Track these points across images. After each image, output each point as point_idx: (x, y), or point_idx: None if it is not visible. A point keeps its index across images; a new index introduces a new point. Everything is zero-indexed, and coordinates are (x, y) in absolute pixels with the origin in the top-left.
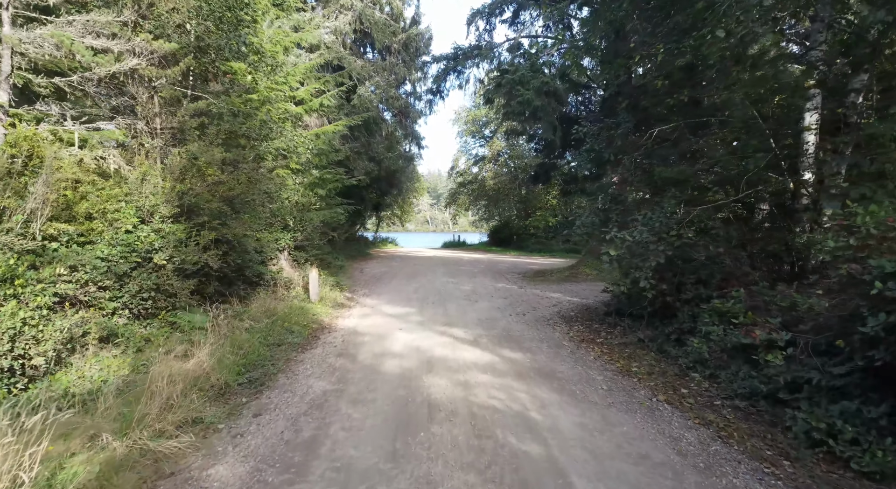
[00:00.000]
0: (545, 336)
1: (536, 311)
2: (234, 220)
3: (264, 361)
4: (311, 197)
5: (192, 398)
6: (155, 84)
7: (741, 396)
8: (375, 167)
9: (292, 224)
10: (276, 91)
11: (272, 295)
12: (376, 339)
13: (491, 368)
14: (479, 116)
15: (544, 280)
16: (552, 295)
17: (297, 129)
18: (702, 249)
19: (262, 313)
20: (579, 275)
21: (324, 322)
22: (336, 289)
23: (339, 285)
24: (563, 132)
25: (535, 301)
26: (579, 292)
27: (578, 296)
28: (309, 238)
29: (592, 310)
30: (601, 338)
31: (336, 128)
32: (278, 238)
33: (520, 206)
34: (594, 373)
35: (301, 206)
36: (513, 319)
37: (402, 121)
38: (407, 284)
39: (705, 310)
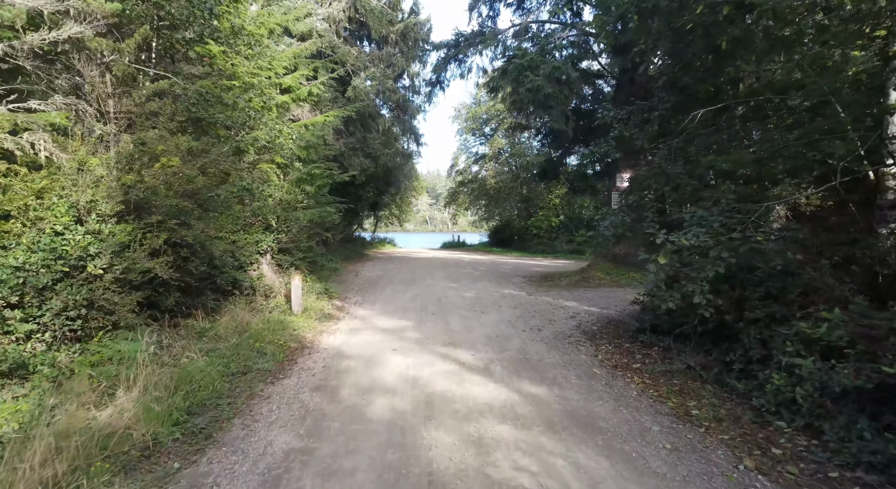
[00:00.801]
0: (570, 360)
1: (553, 325)
2: (201, 219)
3: (219, 400)
4: (298, 194)
5: (89, 473)
6: (107, 60)
7: (870, 467)
8: (372, 164)
9: (275, 224)
10: (258, 76)
11: (248, 306)
12: (364, 365)
13: (511, 413)
14: (480, 113)
15: (553, 285)
16: (567, 304)
17: (285, 119)
18: (776, 256)
19: (231, 330)
20: (591, 279)
21: (305, 339)
22: (324, 298)
23: (328, 292)
24: (575, 123)
25: (549, 312)
26: (596, 301)
27: (597, 306)
28: (295, 240)
29: (618, 324)
30: (638, 363)
31: (327, 118)
32: (259, 240)
33: (521, 205)
34: (645, 418)
35: (286, 204)
36: (527, 336)
37: (400, 116)
38: (404, 291)
39: (786, 336)
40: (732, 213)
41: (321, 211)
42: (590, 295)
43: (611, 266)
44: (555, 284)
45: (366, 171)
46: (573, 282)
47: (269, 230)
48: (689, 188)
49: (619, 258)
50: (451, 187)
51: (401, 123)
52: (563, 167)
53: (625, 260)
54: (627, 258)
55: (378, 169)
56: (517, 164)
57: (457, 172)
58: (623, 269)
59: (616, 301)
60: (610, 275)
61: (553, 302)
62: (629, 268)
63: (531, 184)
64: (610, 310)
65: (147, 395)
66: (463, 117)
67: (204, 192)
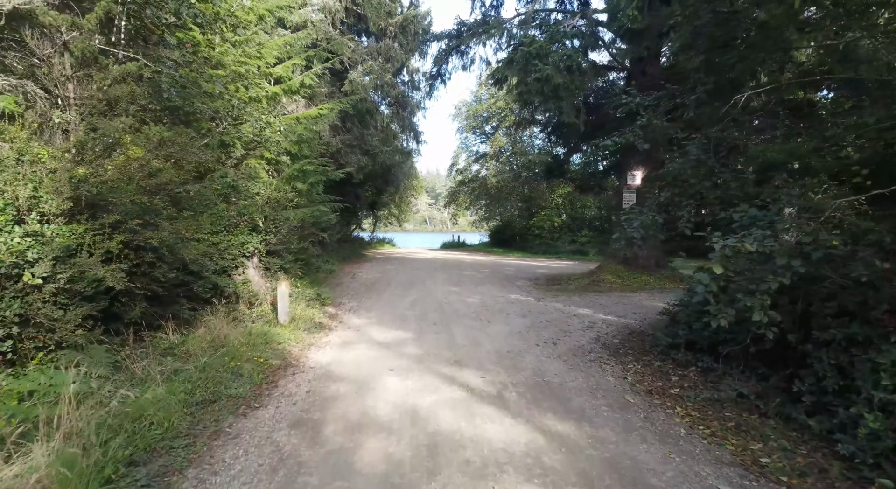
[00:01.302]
0: (597, 383)
1: (569, 338)
2: (175, 219)
3: (174, 440)
4: (289, 192)
5: None
6: (64, 37)
7: None
8: (370, 162)
9: (263, 224)
10: (246, 64)
11: (229, 315)
12: (355, 390)
13: (537, 465)
14: (480, 111)
15: (562, 289)
16: (580, 311)
17: (275, 112)
18: (855, 264)
19: (205, 345)
20: (601, 283)
21: (290, 355)
22: (315, 305)
23: (320, 298)
24: (585, 117)
25: (562, 321)
26: (612, 308)
27: (614, 314)
28: (284, 241)
29: (641, 336)
30: (675, 387)
31: (321, 111)
32: (245, 242)
33: (522, 205)
34: (706, 470)
35: (275, 203)
36: (542, 352)
37: (399, 112)
38: (403, 295)
39: (877, 365)
40: (801, 212)
41: (314, 210)
42: (603, 301)
43: (622, 269)
44: (563, 288)
45: (363, 168)
46: (583, 287)
47: (256, 231)
48: (735, 183)
49: (630, 261)
50: (452, 186)
51: (400, 120)
52: (569, 165)
53: (636, 263)
54: (639, 261)
55: (376, 167)
56: (519, 162)
57: (457, 171)
58: (635, 273)
59: (633, 308)
60: (621, 278)
61: (564, 309)
62: (641, 272)
63: (533, 183)
64: (629, 319)
65: (71, 445)
66: (463, 115)
67: (172, 187)
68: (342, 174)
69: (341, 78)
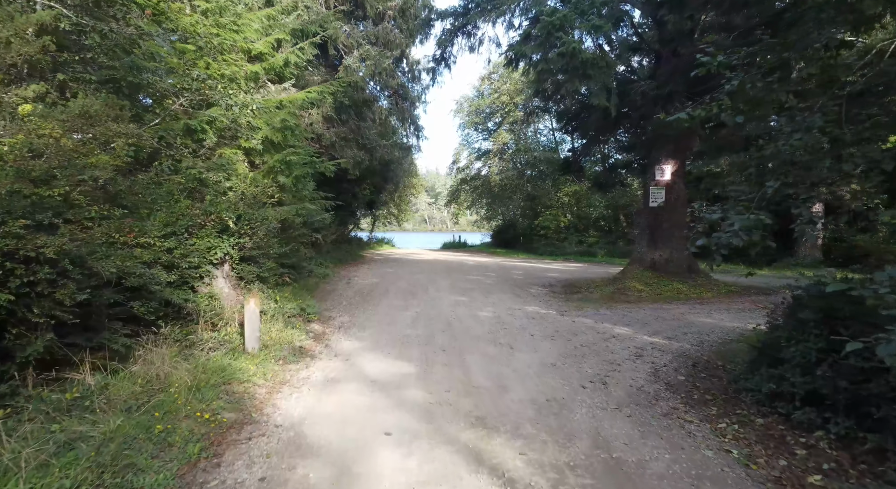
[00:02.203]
0: (691, 463)
1: (619, 373)
2: (108, 219)
3: None
4: (269, 187)
5: None
6: None
7: None
8: (367, 157)
9: (235, 225)
10: (219, 37)
11: (182, 342)
12: (334, 476)
13: None
14: (483, 106)
15: (585, 299)
16: (617, 330)
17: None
18: None
19: (138, 389)
20: (628, 291)
21: (252, 403)
22: (297, 323)
23: (304, 313)
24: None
25: (601, 345)
26: (652, 325)
27: (660, 335)
28: (262, 245)
29: (709, 369)
30: (817, 474)
31: (309, 95)
32: (212, 246)
33: (526, 204)
34: None
35: (251, 200)
36: (594, 399)
37: (399, 103)
38: (403, 307)
39: None
40: None
41: (299, 208)
42: (638, 315)
43: (649, 275)
44: (586, 298)
45: (360, 164)
46: (608, 296)
47: (227, 233)
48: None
49: (658, 265)
50: (453, 185)
51: (399, 112)
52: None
53: (666, 268)
54: (669, 266)
55: (374, 162)
56: (523, 160)
57: (458, 169)
58: (664, 279)
59: (679, 326)
60: (649, 286)
61: (598, 327)
62: (671, 278)
63: (537, 181)
64: (681, 342)
65: None
66: (465, 111)
67: (102, 176)
68: (333, 166)
69: (335, 67)
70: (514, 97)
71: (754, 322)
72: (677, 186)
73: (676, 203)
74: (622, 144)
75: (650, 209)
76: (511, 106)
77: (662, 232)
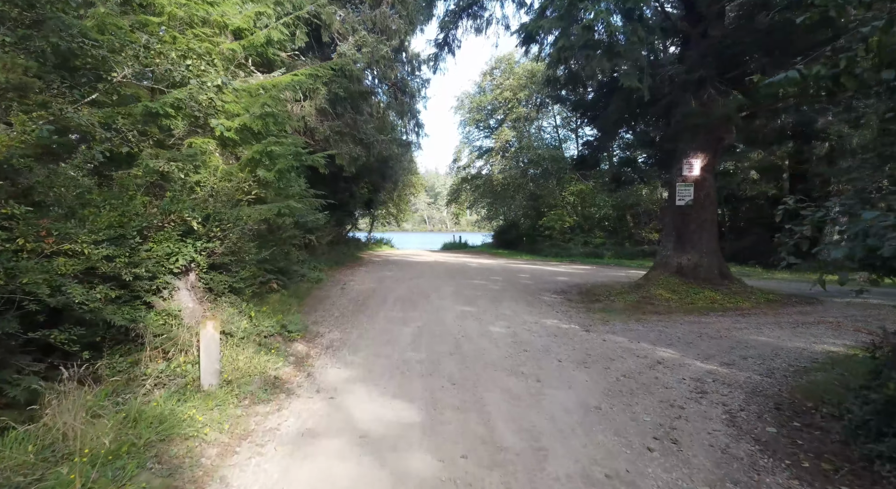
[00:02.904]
0: None
1: (688, 424)
2: (16, 219)
3: None
4: (244, 181)
5: None
6: None
7: None
8: (364, 152)
9: (200, 227)
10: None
11: (121, 377)
12: None
13: None
14: (484, 103)
15: (608, 309)
16: (661, 353)
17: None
18: None
19: (30, 461)
20: (654, 300)
21: (194, 475)
22: (274, 347)
23: (285, 332)
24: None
25: (649, 377)
26: (699, 346)
27: (714, 360)
28: (235, 249)
29: (801, 413)
30: None
31: (296, 78)
32: (172, 252)
33: (529, 203)
34: None
35: (225, 197)
36: (670, 474)
37: (398, 96)
38: (402, 320)
39: None
40: None
41: (282, 206)
42: (676, 331)
43: (675, 281)
44: (608, 307)
45: (356, 160)
46: (632, 305)
47: (193, 236)
48: None
49: (686, 270)
50: (453, 184)
51: (399, 106)
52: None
53: (694, 273)
54: (699, 271)
55: (371, 159)
56: (526, 158)
57: (459, 168)
58: (694, 286)
59: (730, 345)
60: (677, 293)
61: (634, 348)
62: (702, 285)
63: (540, 180)
64: (746, 370)
65: None
66: (466, 107)
67: None
68: (322, 159)
69: (330, 57)
70: (517, 92)
71: (820, 341)
72: (707, 183)
73: (706, 201)
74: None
75: (677, 208)
76: (514, 102)
77: (690, 233)
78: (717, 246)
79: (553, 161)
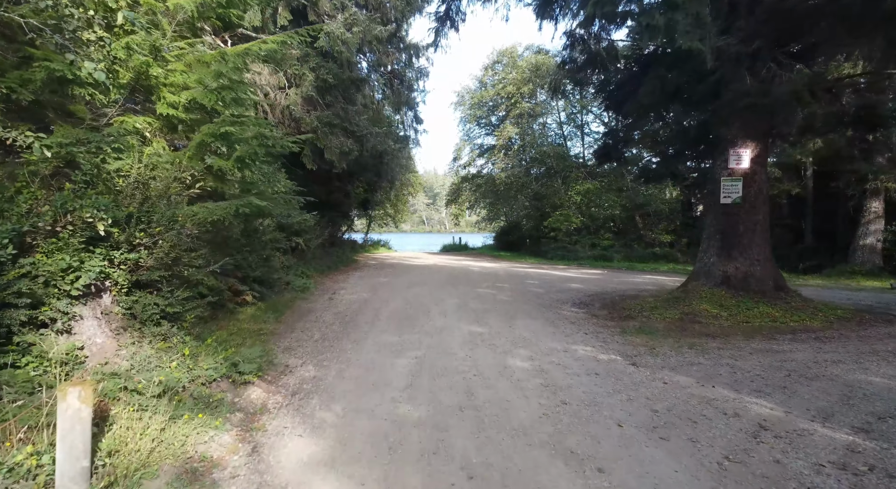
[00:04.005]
0: None
1: None
2: None
3: None
4: (185, 171)
5: None
6: None
7: None
8: (356, 146)
9: (116, 232)
10: None
11: None
12: None
13: None
14: (486, 98)
15: (643, 328)
16: (754, 407)
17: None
18: None
19: None
20: (700, 317)
21: None
22: (210, 401)
23: (236, 372)
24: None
25: (764, 457)
26: (797, 390)
27: (843, 424)
28: (170, 261)
29: None
30: None
31: (265, 46)
32: (71, 267)
33: (532, 203)
34: None
35: (158, 191)
36: None
37: (394, 84)
38: (397, 348)
39: None
40: None
41: (240, 204)
42: (753, 366)
43: (722, 294)
44: (645, 326)
45: (348, 154)
46: (675, 324)
47: (105, 244)
48: None
49: (733, 281)
50: (453, 183)
51: (395, 96)
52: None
53: (744, 284)
54: (748, 282)
55: (365, 153)
56: (529, 156)
57: (459, 167)
58: (745, 300)
59: (841, 392)
60: (726, 309)
61: (712, 397)
62: (755, 298)
63: (545, 179)
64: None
65: None
66: (467, 104)
67: None
68: (291, 144)
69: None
70: (520, 87)
71: None
72: (758, 177)
73: (757, 199)
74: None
75: (721, 207)
76: (517, 97)
77: (739, 237)
78: (770, 252)
79: (558, 158)
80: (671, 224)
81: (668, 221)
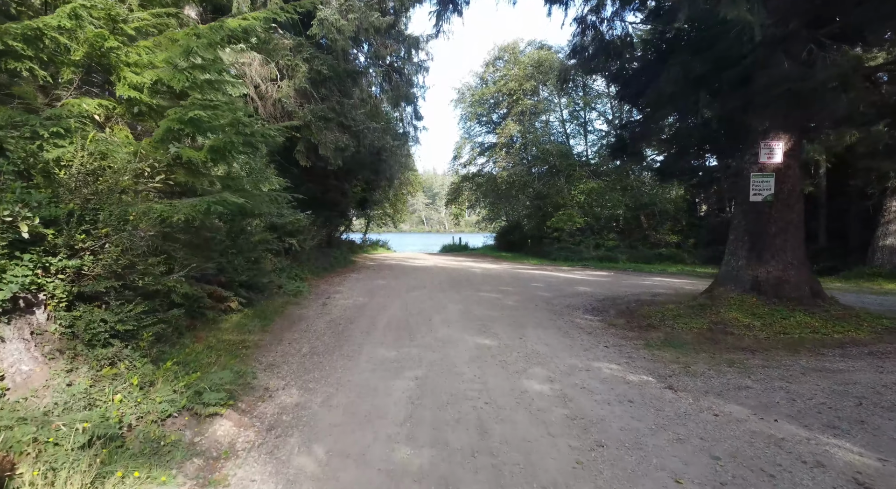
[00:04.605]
0: None
1: None
2: None
3: None
4: (143, 160)
5: None
6: None
7: None
8: (353, 142)
9: (51, 235)
10: None
11: None
12: None
13: None
14: (487, 95)
15: (669, 340)
16: (836, 451)
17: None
18: None
19: None
20: (731, 327)
21: None
22: (161, 446)
23: (200, 403)
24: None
25: None
26: (877, 425)
27: None
28: (122, 269)
29: None
30: None
31: (244, 23)
32: None
33: (534, 203)
34: None
35: (110, 185)
36: None
37: (392, 77)
38: (394, 366)
39: None
40: None
41: (212, 201)
42: (811, 391)
43: (753, 301)
44: (671, 339)
45: (344, 150)
46: (704, 336)
47: (37, 248)
48: None
49: (765, 287)
50: (453, 182)
51: (394, 90)
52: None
53: (778, 290)
54: (782, 288)
55: (362, 150)
56: (531, 155)
57: (459, 166)
58: (779, 308)
59: None
60: (759, 318)
61: (777, 435)
62: (790, 306)
63: (547, 178)
64: None
65: None
66: (467, 101)
67: None
68: (276, 133)
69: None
70: (522, 83)
71: None
72: (792, 173)
73: (790, 197)
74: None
75: (751, 206)
76: (519, 93)
77: (771, 238)
78: (805, 255)
79: (561, 157)
80: (677, 224)
81: (674, 221)
